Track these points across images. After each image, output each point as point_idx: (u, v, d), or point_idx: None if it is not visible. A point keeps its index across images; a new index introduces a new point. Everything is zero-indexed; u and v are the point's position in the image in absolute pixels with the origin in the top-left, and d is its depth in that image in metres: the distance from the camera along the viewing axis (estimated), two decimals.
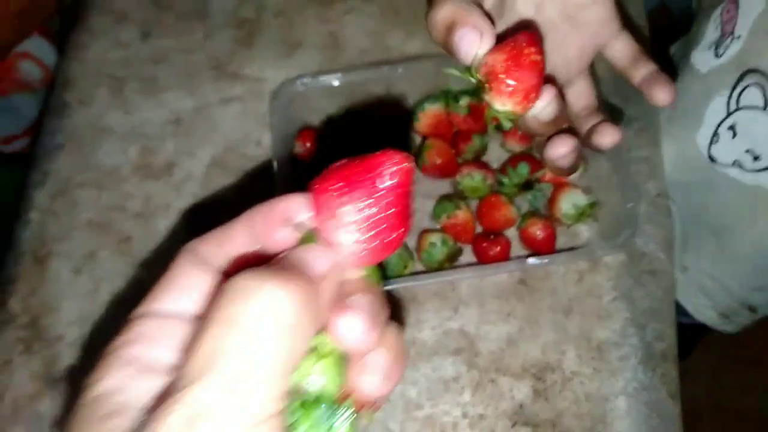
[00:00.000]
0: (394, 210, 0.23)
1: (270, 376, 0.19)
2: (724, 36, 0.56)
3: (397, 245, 0.24)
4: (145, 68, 0.70)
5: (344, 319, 0.22)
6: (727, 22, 0.55)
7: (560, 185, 0.59)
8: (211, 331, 0.19)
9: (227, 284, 0.20)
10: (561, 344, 0.56)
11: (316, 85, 0.59)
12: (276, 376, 0.19)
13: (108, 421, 0.20)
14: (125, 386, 0.21)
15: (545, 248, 0.58)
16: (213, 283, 0.23)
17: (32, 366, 0.57)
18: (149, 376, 0.21)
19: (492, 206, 0.59)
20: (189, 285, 0.23)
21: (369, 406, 0.24)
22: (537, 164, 0.59)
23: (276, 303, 0.19)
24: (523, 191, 0.60)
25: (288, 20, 0.72)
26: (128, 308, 0.23)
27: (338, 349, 0.22)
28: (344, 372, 0.22)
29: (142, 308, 0.23)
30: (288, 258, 0.22)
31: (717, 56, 0.56)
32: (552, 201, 0.59)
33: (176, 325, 0.22)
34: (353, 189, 0.23)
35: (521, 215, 0.60)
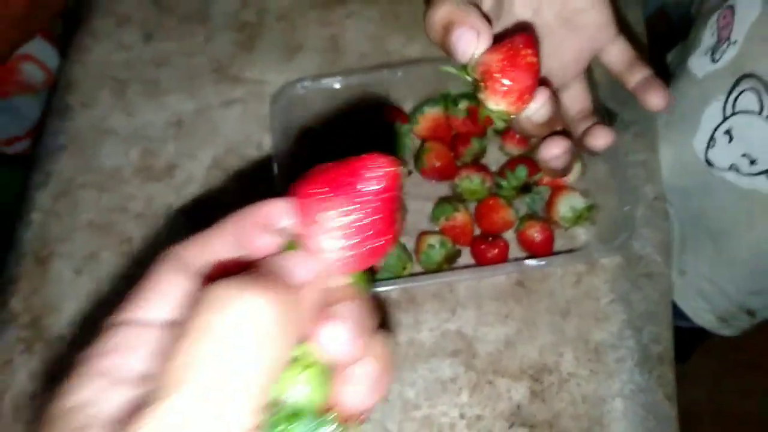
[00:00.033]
0: (381, 216, 0.22)
1: (248, 388, 0.18)
2: (721, 41, 0.56)
3: (384, 252, 0.23)
4: (147, 71, 0.71)
5: (328, 329, 0.21)
6: (724, 28, 0.56)
7: (558, 188, 0.60)
8: (187, 342, 0.18)
9: (204, 293, 0.19)
10: (558, 346, 0.57)
11: (317, 88, 0.60)
12: (254, 388, 0.18)
13: None
14: (98, 398, 0.20)
15: (543, 251, 0.59)
16: (192, 290, 0.22)
17: (33, 366, 0.57)
18: (123, 388, 0.20)
19: (490, 209, 0.59)
20: (167, 292, 0.22)
21: (354, 419, 0.23)
22: (535, 167, 0.60)
23: (254, 312, 0.19)
24: (522, 194, 0.61)
25: (289, 24, 0.73)
26: None
27: (322, 360, 0.21)
28: (329, 383, 0.22)
29: (118, 316, 0.22)
30: (268, 265, 0.21)
31: (713, 61, 0.57)
32: (550, 204, 0.60)
33: (153, 333, 0.22)
34: (338, 193, 0.22)
35: (519, 218, 0.60)
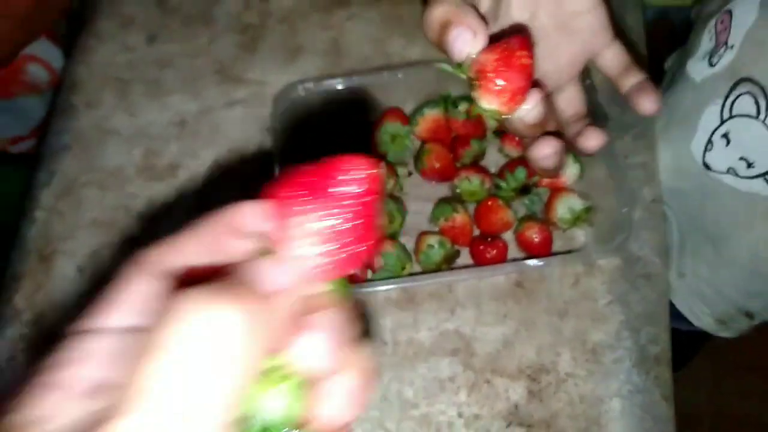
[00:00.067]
0: (362, 220, 0.21)
1: (213, 404, 0.17)
2: (718, 46, 0.56)
3: (365, 258, 0.22)
4: (151, 72, 0.71)
5: (305, 339, 0.20)
6: (721, 33, 0.56)
7: (557, 190, 0.60)
8: (150, 354, 0.17)
9: (169, 302, 0.18)
10: (556, 346, 0.57)
11: (318, 90, 0.60)
12: (219, 404, 0.17)
13: None
14: (53, 413, 0.19)
15: (541, 251, 0.59)
16: (161, 296, 0.21)
17: (35, 363, 0.58)
18: (81, 401, 0.19)
19: (489, 210, 0.60)
20: (134, 297, 0.21)
21: None
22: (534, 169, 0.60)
23: (223, 323, 0.17)
24: (521, 195, 0.61)
25: (291, 26, 0.73)
26: None
27: (299, 372, 0.20)
28: (305, 396, 0.20)
29: (80, 324, 0.21)
30: (240, 272, 0.20)
31: (711, 65, 0.57)
32: (548, 205, 0.60)
33: (116, 343, 0.20)
34: (316, 196, 0.20)
35: (518, 219, 0.60)
